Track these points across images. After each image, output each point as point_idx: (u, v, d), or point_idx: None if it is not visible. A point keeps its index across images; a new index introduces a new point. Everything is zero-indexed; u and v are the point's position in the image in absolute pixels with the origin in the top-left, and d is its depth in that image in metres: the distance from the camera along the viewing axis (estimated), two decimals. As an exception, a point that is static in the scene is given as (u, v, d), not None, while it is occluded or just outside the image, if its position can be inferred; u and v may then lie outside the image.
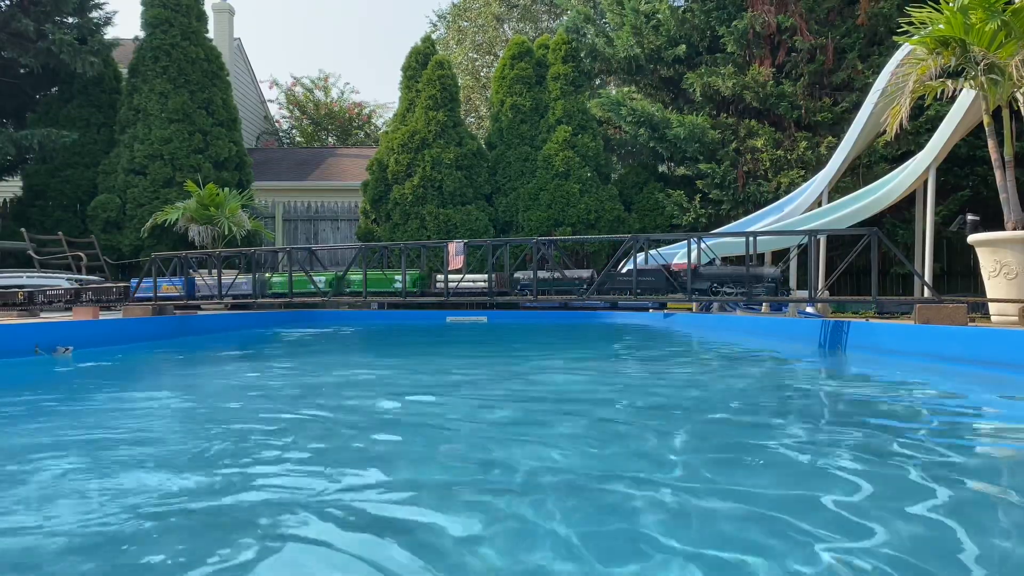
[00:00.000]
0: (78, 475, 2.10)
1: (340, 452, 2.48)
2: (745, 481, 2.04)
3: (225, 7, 19.96)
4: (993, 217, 7.95)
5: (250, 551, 1.49)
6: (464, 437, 2.74)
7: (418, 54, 14.95)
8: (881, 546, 1.50)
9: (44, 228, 13.05)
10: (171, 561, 1.44)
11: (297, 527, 1.64)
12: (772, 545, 1.51)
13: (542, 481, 2.02)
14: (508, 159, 14.25)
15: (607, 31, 14.13)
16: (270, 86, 27.44)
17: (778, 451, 2.45)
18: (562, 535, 1.56)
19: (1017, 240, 6.26)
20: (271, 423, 3.00)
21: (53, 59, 12.74)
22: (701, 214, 12.75)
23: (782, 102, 12.04)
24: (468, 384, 4.38)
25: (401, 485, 2.05)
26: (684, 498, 1.84)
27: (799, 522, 1.65)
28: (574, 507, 1.78)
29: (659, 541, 1.52)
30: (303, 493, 1.91)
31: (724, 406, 3.50)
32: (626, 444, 2.60)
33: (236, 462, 2.29)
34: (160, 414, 3.24)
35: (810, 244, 6.63)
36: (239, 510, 1.77)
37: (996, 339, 4.72)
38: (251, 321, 9.82)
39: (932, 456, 2.41)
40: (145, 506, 1.77)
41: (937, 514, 1.76)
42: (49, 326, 6.14)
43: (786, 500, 1.87)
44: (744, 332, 8.25)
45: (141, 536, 1.58)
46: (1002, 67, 6.34)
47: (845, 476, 2.09)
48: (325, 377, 4.73)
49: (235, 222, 12.31)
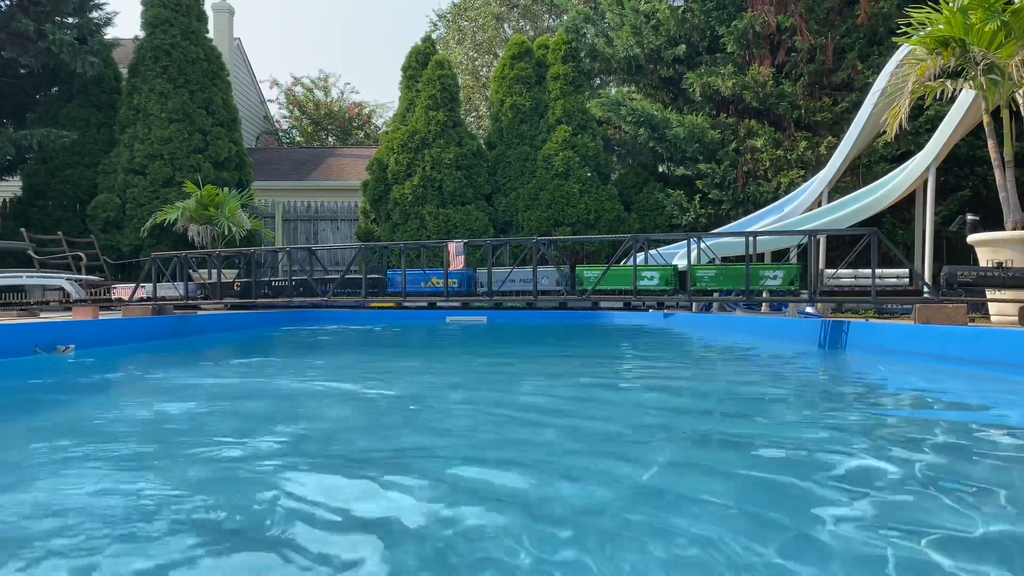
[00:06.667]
0: (78, 474, 2.10)
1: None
2: (731, 482, 2.04)
3: (225, 7, 19.95)
4: (993, 217, 7.95)
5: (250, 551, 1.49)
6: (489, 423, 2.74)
7: (418, 54, 14.94)
8: (882, 546, 1.50)
9: (44, 228, 13.04)
10: (178, 562, 1.44)
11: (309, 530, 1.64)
12: (770, 543, 1.51)
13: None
14: (508, 159, 14.24)
15: (607, 31, 14.12)
16: (270, 86, 27.46)
17: (778, 451, 2.45)
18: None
19: (1017, 240, 6.26)
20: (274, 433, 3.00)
21: (53, 59, 12.73)
22: (701, 214, 12.74)
23: (782, 102, 12.03)
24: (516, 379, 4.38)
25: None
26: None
27: (797, 521, 1.65)
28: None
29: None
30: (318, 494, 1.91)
31: (728, 405, 3.50)
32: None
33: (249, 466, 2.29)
34: (173, 415, 3.24)
35: (810, 244, 6.63)
36: (243, 512, 1.77)
37: (996, 339, 4.72)
38: (252, 321, 9.81)
39: (932, 456, 2.41)
40: (144, 508, 1.77)
41: (937, 513, 1.76)
42: (49, 326, 6.14)
43: (785, 499, 1.87)
44: (744, 332, 8.25)
45: (142, 537, 1.58)
46: (1002, 67, 6.34)
47: (845, 476, 2.09)
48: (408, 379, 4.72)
49: (235, 222, 12.30)
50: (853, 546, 1.51)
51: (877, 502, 1.83)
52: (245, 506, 1.81)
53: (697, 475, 2.15)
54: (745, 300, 7.04)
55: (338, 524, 1.68)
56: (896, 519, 1.69)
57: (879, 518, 1.70)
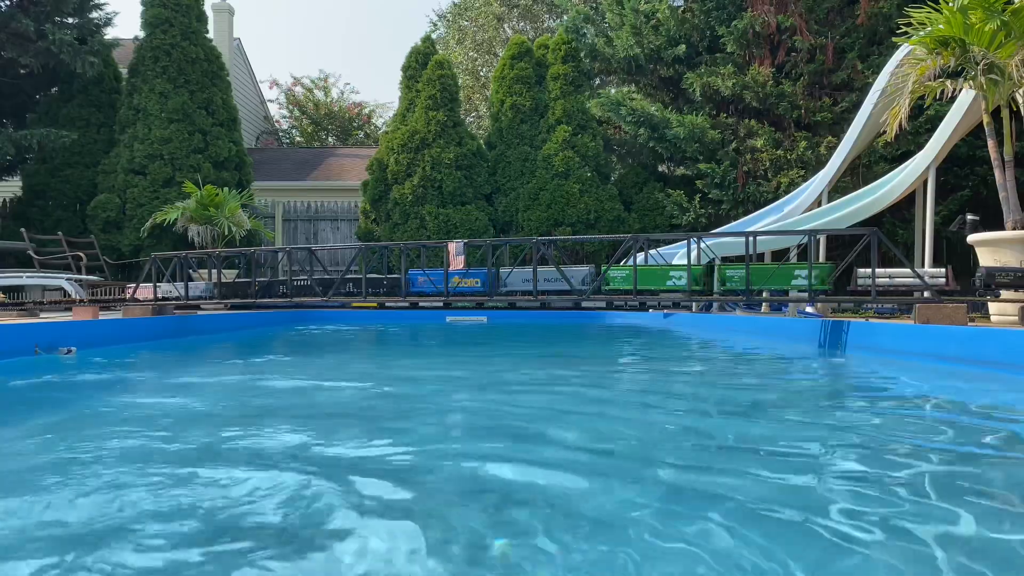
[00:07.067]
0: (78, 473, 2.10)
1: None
2: (737, 478, 2.04)
3: (225, 7, 19.95)
4: (993, 217, 7.95)
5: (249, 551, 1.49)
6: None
7: (418, 54, 14.94)
8: (882, 547, 1.50)
9: (44, 228, 13.04)
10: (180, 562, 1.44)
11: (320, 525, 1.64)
12: (767, 539, 1.51)
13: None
14: (508, 159, 14.24)
15: (607, 31, 14.13)
16: (270, 86, 27.46)
17: (777, 451, 2.45)
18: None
19: (1017, 240, 6.26)
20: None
21: (53, 59, 12.73)
22: (701, 214, 12.75)
23: (782, 102, 12.03)
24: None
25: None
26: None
27: (797, 521, 1.66)
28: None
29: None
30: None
31: (728, 406, 3.50)
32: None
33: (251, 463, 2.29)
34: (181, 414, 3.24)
35: (810, 244, 6.63)
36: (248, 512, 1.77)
37: (996, 339, 4.72)
38: (252, 321, 9.81)
39: (931, 455, 2.41)
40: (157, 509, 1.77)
41: (936, 513, 1.76)
42: (49, 326, 6.14)
43: (784, 500, 1.87)
44: (745, 332, 8.25)
45: (142, 537, 1.58)
46: (1002, 67, 6.34)
47: (845, 476, 2.09)
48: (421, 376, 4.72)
49: (235, 222, 12.30)
50: (853, 546, 1.51)
51: (877, 502, 1.83)
52: (246, 505, 1.81)
53: (697, 475, 2.15)
54: (745, 300, 7.03)
55: (342, 523, 1.68)
56: (896, 519, 1.69)
57: (879, 517, 1.70)
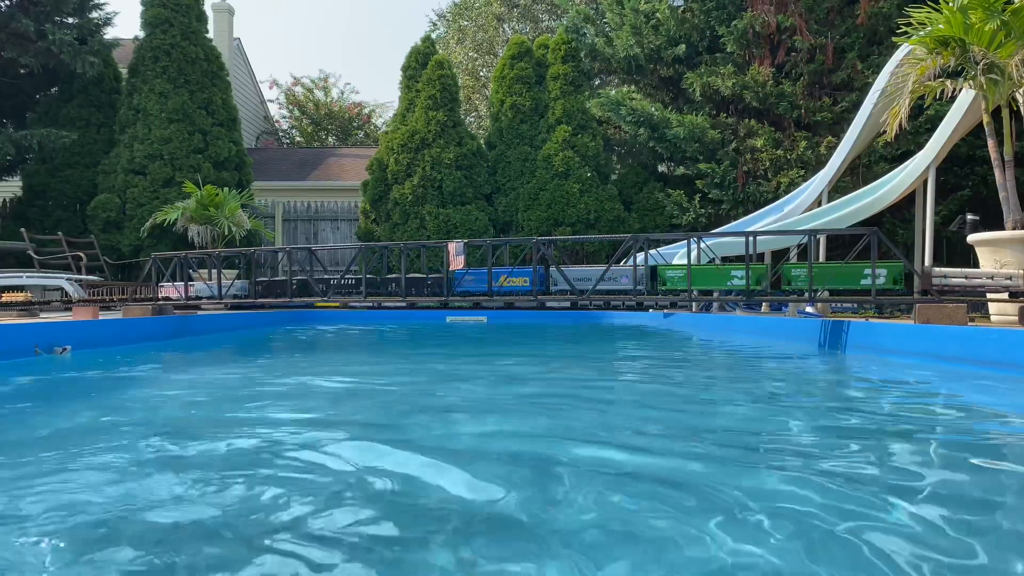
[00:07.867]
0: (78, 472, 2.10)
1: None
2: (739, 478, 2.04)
3: (225, 7, 19.96)
4: (993, 217, 7.95)
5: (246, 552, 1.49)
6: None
7: (418, 54, 14.95)
8: (882, 546, 1.50)
9: (44, 228, 13.05)
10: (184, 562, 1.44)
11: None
12: (765, 539, 1.51)
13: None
14: (508, 159, 14.24)
15: (607, 31, 14.13)
16: (270, 86, 27.48)
17: (777, 449, 2.45)
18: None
19: (1017, 240, 6.26)
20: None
21: (53, 59, 12.74)
22: (701, 214, 12.75)
23: (782, 102, 12.03)
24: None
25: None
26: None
27: (797, 521, 1.65)
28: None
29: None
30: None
31: (728, 406, 3.50)
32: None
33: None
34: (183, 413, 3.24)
35: (810, 244, 6.63)
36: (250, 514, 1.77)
37: (996, 339, 4.72)
38: (252, 321, 9.82)
39: (931, 454, 2.41)
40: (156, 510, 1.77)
41: (936, 514, 1.76)
42: (49, 326, 6.13)
43: (785, 499, 1.87)
44: (745, 332, 8.25)
45: (143, 536, 1.58)
46: (1002, 67, 6.34)
47: (845, 476, 2.09)
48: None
49: (235, 222, 12.31)
50: (854, 546, 1.51)
51: (877, 501, 1.83)
52: (248, 504, 1.81)
53: (696, 475, 2.15)
54: (745, 300, 7.03)
55: (342, 523, 1.68)
56: (895, 518, 1.69)
57: (879, 518, 1.70)
